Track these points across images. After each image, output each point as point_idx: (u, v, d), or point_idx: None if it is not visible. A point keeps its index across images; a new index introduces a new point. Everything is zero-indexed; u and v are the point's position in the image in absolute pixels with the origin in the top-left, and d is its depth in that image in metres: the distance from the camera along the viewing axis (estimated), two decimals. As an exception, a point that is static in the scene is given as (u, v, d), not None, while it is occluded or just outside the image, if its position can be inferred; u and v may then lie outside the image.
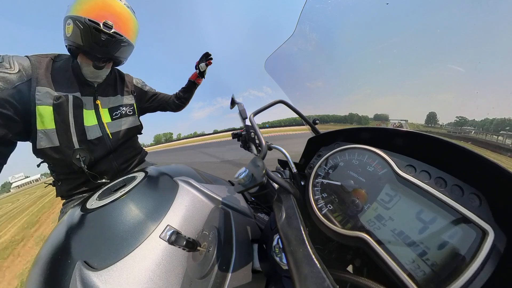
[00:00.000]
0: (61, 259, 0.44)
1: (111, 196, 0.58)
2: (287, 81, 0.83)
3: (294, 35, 0.71)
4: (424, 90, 0.56)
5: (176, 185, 0.62)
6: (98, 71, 1.03)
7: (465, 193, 0.31)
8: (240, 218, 0.56)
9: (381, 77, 0.64)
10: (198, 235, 0.49)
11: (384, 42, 0.57)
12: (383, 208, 0.38)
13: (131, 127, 1.27)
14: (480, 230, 0.27)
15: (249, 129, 0.68)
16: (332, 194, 0.47)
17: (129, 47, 1.08)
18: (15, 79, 0.82)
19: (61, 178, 1.10)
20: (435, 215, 0.32)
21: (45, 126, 0.91)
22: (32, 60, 0.90)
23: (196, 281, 0.40)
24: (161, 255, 0.44)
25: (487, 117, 0.48)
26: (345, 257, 0.43)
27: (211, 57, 1.58)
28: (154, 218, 0.50)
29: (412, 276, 0.29)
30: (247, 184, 0.43)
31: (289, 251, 0.35)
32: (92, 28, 0.88)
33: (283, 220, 0.42)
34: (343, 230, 0.40)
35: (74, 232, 0.50)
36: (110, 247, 0.44)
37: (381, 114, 0.68)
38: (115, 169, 1.18)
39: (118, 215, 0.51)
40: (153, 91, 1.52)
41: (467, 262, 0.26)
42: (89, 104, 1.06)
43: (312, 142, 0.62)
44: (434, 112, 0.54)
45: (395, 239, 0.34)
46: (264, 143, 0.53)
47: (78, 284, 0.38)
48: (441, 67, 0.48)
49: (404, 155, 0.42)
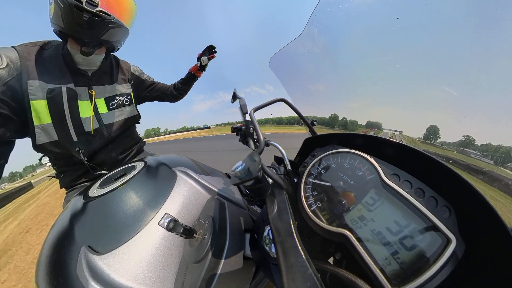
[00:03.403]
0: (67, 245, 0.47)
1: (112, 184, 0.60)
2: (290, 80, 0.83)
3: (302, 35, 0.70)
4: (423, 106, 0.58)
5: (174, 175, 0.64)
6: (89, 57, 0.94)
7: (439, 204, 0.35)
8: (235, 209, 0.59)
9: (382, 88, 0.66)
10: (195, 223, 0.52)
11: (390, 55, 0.58)
12: (366, 210, 0.43)
13: (129, 117, 1.23)
14: (445, 238, 0.31)
15: (249, 124, 0.69)
16: (322, 192, 0.51)
17: (120, 30, 0.95)
18: (4, 75, 0.76)
19: (62, 170, 1.09)
20: (410, 221, 0.36)
21: (42, 121, 0.87)
22: (20, 51, 0.83)
23: (192, 265, 0.43)
24: (159, 241, 0.47)
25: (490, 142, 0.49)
26: (327, 250, 0.48)
27: (215, 50, 1.51)
28: (153, 206, 0.52)
29: (384, 271, 0.34)
30: (243, 177, 0.46)
31: (278, 241, 0.39)
32: (73, 6, 0.77)
33: (274, 213, 0.45)
34: (328, 226, 0.44)
35: (78, 219, 0.52)
36: (112, 233, 0.47)
37: (374, 122, 0.70)
38: (113, 159, 1.17)
39: (119, 203, 0.53)
40: (151, 80, 1.46)
41: (430, 263, 0.30)
42: (84, 95, 1.00)
43: (308, 142, 0.65)
44: (436, 127, 0.56)
45: (373, 238, 0.38)
46: (262, 139, 0.55)
47: (84, 267, 0.41)
48: (438, 87, 0.51)
49: (391, 163, 0.45)
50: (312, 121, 0.73)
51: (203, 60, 1.48)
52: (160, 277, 0.43)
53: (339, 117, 0.80)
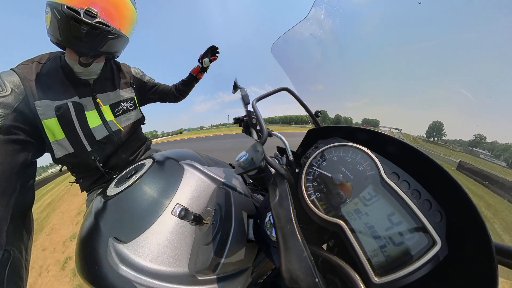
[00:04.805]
0: (96, 238, 0.54)
1: (126, 182, 0.65)
2: (293, 68, 0.77)
3: (307, 18, 0.62)
4: (430, 105, 0.55)
5: (181, 168, 0.68)
6: (88, 67, 0.92)
7: (432, 208, 0.37)
8: (239, 197, 0.64)
9: (390, 81, 0.61)
10: (203, 211, 0.58)
11: (405, 47, 0.52)
12: (362, 204, 0.45)
13: (135, 121, 1.26)
14: (431, 240, 0.34)
15: (251, 115, 0.68)
16: (321, 184, 0.53)
17: (119, 40, 0.91)
18: (12, 101, 0.75)
19: (81, 176, 1.17)
20: (402, 220, 0.39)
21: (56, 137, 0.90)
22: (20, 73, 0.80)
23: (203, 247, 0.50)
24: (173, 228, 0.53)
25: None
26: (322, 237, 0.52)
27: (218, 51, 1.41)
28: (165, 198, 0.58)
29: (370, 261, 0.38)
30: (246, 167, 0.48)
31: (278, 227, 0.43)
32: (71, 18, 0.73)
33: (276, 201, 0.49)
34: (325, 216, 0.48)
35: (101, 216, 0.59)
36: (132, 224, 0.53)
37: (371, 119, 0.67)
38: (125, 161, 1.23)
39: (135, 198, 0.59)
40: (152, 82, 1.43)
41: (412, 260, 0.34)
42: (89, 105, 1.00)
43: (311, 133, 0.65)
44: (440, 123, 0.54)
45: (365, 231, 0.42)
46: (265, 130, 0.55)
47: (114, 255, 0.48)
48: (455, 88, 0.47)
49: (392, 162, 0.46)
50: (316, 112, 0.71)
51: (205, 62, 1.41)
52: (176, 258, 0.50)
53: (344, 113, 0.76)
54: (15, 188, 0.66)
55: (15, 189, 0.65)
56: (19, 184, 0.67)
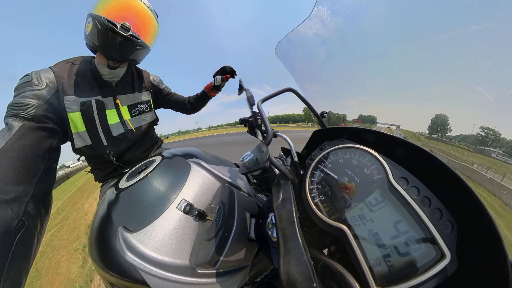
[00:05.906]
0: (107, 226, 0.58)
1: (137, 177, 0.70)
2: (298, 68, 0.75)
3: (311, 17, 0.60)
4: (438, 101, 0.51)
5: (188, 166, 0.71)
6: (114, 70, 1.07)
7: (443, 218, 0.34)
8: (242, 196, 0.65)
9: (396, 77, 0.57)
10: (207, 208, 0.60)
11: (408, 43, 0.48)
12: (368, 209, 0.43)
13: (149, 122, 1.37)
14: (440, 253, 0.31)
15: (256, 116, 0.68)
16: (326, 186, 0.52)
17: (144, 50, 1.10)
18: (45, 94, 0.89)
19: (96, 167, 1.29)
20: (410, 228, 0.36)
21: (78, 129, 1.02)
22: (55, 71, 0.96)
23: (205, 242, 0.52)
24: (178, 222, 0.55)
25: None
26: (324, 241, 0.51)
27: (235, 72, 1.38)
28: (172, 193, 0.61)
29: (372, 270, 0.36)
30: (251, 167, 0.48)
31: (280, 228, 0.43)
32: (109, 29, 0.89)
33: (279, 202, 0.48)
34: (328, 219, 0.46)
35: (113, 206, 0.64)
36: (140, 216, 0.57)
37: (367, 116, 0.63)
38: (137, 158, 1.34)
39: (144, 192, 0.63)
40: (168, 90, 1.55)
41: (418, 273, 0.31)
42: (110, 104, 1.13)
43: (317, 134, 0.63)
44: (445, 116, 0.50)
45: (369, 238, 0.40)
46: (270, 130, 0.55)
47: (122, 242, 0.52)
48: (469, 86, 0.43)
49: (401, 165, 0.43)
50: (322, 112, 0.69)
51: (217, 80, 1.38)
52: (178, 251, 0.52)
53: (347, 110, 0.72)
54: (39, 169, 0.76)
55: (39, 169, 0.75)
56: (43, 166, 0.78)
